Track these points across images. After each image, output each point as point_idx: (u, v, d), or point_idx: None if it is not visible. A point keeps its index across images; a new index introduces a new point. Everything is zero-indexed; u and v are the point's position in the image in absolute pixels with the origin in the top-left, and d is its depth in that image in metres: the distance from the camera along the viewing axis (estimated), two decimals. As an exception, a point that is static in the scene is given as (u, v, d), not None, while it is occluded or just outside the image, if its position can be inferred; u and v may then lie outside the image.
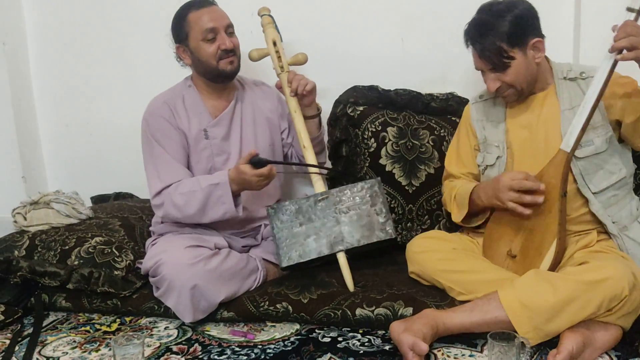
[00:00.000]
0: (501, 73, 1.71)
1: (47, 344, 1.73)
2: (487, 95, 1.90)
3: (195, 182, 1.86)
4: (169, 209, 1.87)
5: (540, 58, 1.71)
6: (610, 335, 1.51)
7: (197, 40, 1.90)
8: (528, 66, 1.70)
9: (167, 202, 1.87)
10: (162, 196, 1.88)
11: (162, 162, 1.90)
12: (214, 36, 1.89)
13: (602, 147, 1.71)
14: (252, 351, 1.63)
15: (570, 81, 1.75)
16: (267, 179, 1.79)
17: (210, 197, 1.82)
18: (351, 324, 1.72)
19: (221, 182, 1.81)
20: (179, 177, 1.89)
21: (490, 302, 1.54)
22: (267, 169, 1.76)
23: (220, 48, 1.89)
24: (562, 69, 1.78)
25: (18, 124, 2.55)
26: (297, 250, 1.85)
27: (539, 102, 1.78)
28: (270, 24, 2.08)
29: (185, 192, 1.84)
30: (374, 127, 2.15)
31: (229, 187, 1.80)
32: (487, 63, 1.71)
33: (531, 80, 1.74)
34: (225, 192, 1.81)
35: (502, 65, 1.69)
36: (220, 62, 1.91)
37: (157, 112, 1.94)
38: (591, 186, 1.70)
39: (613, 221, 1.70)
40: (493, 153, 1.83)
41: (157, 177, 1.90)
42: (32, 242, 1.99)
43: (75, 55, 2.55)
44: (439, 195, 2.11)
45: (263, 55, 2.09)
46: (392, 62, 2.30)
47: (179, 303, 1.76)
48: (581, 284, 1.48)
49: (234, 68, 1.94)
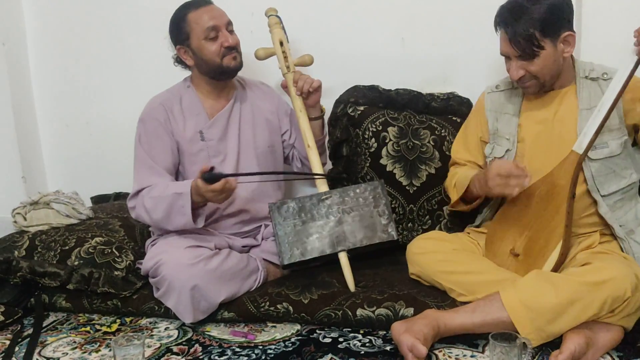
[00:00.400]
0: (528, 62, 1.67)
1: (47, 344, 1.73)
2: (503, 86, 1.88)
3: (165, 188, 1.84)
4: (140, 212, 1.88)
5: (569, 53, 1.68)
6: (612, 336, 1.51)
7: (199, 40, 1.90)
8: (556, 59, 1.67)
9: (138, 205, 1.88)
10: (137, 198, 1.89)
11: (143, 166, 1.91)
12: (216, 34, 1.89)
13: (617, 150, 1.69)
14: (252, 352, 1.62)
15: (592, 81, 1.73)
16: (222, 193, 1.73)
17: (174, 205, 1.79)
18: (352, 324, 1.72)
19: (184, 192, 1.77)
20: (155, 181, 1.88)
21: (492, 303, 1.54)
22: (221, 184, 1.69)
23: (224, 45, 1.89)
24: (585, 68, 1.75)
25: (18, 124, 2.55)
26: (299, 248, 1.85)
27: (557, 99, 1.76)
28: (278, 25, 2.08)
29: (154, 197, 1.83)
30: (375, 127, 2.15)
31: (189, 198, 1.76)
32: (516, 49, 1.66)
33: (555, 74, 1.71)
34: (186, 203, 1.77)
35: (531, 53, 1.65)
36: (224, 59, 1.91)
37: (152, 114, 1.94)
38: (600, 188, 1.69)
39: (620, 224, 1.69)
40: (503, 145, 1.82)
41: (137, 179, 1.91)
42: (32, 242, 1.99)
43: (75, 55, 2.55)
44: (440, 195, 2.11)
45: (269, 55, 2.09)
46: (392, 61, 2.29)
47: (179, 303, 1.75)
48: (583, 285, 1.47)
49: (238, 64, 1.94)
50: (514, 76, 1.71)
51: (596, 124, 1.61)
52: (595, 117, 1.61)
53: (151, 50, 2.38)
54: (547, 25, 1.62)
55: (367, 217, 1.89)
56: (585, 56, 2.04)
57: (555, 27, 1.64)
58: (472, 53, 2.19)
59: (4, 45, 2.49)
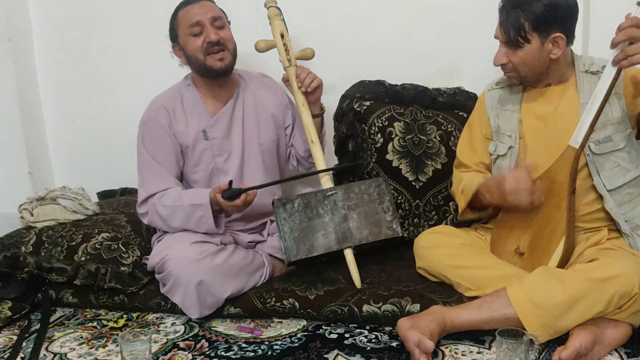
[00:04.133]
0: (511, 51, 1.68)
1: (54, 339, 1.74)
2: (504, 82, 1.87)
3: (179, 197, 1.85)
4: (154, 219, 1.89)
5: (557, 55, 1.67)
6: (619, 333, 1.51)
7: (184, 36, 1.89)
8: (539, 57, 1.68)
9: (151, 212, 1.89)
10: (147, 205, 1.90)
11: (148, 171, 1.91)
12: (200, 30, 1.87)
13: (621, 143, 1.68)
14: (259, 347, 1.63)
15: (592, 75, 1.72)
16: (243, 207, 1.78)
17: (192, 216, 1.82)
18: (358, 320, 1.72)
19: (202, 204, 1.80)
20: (165, 186, 1.89)
21: (499, 299, 1.54)
22: (241, 200, 1.75)
23: (205, 41, 1.87)
24: (584, 62, 1.74)
25: (24, 120, 2.55)
26: (305, 244, 1.84)
27: (557, 94, 1.75)
28: (278, 16, 2.05)
29: (168, 206, 1.85)
30: (381, 122, 2.14)
31: (209, 209, 1.80)
32: (504, 34, 1.68)
33: (539, 72, 1.71)
34: (206, 213, 1.80)
35: (515, 42, 1.66)
36: (208, 58, 1.88)
37: (154, 116, 1.93)
38: (607, 183, 1.68)
39: (626, 220, 1.68)
40: (505, 143, 1.81)
41: (143, 185, 1.91)
42: (39, 238, 1.99)
43: (81, 51, 2.55)
44: (446, 191, 2.10)
45: (270, 47, 2.06)
46: (398, 56, 2.29)
47: (185, 299, 1.76)
48: (590, 281, 1.46)
49: (224, 65, 1.90)
50: (496, 61, 1.73)
51: (590, 117, 1.60)
52: (589, 110, 1.61)
53: (156, 45, 2.37)
54: (539, 20, 1.63)
55: (372, 213, 1.89)
56: (593, 53, 2.03)
57: (547, 24, 1.64)
58: (478, 48, 2.18)
59: (10, 42, 2.49)
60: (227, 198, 1.74)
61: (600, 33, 2.05)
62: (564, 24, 1.66)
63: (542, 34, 1.64)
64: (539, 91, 1.78)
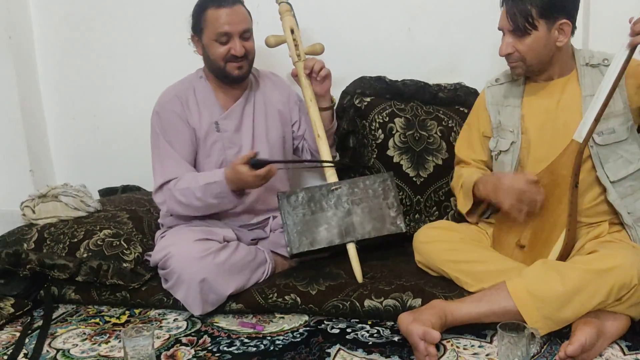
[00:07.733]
0: (518, 39, 1.68)
1: (57, 336, 1.74)
2: (504, 78, 1.87)
3: (193, 179, 1.85)
4: (173, 205, 1.89)
5: (563, 42, 1.67)
6: (619, 325, 1.51)
7: (209, 39, 1.88)
8: (547, 44, 1.67)
9: (169, 199, 1.89)
10: (163, 192, 1.90)
11: (166, 157, 1.91)
12: (227, 40, 1.87)
13: (623, 135, 1.68)
14: (261, 342, 1.63)
15: (593, 67, 1.72)
16: (265, 179, 1.77)
17: (209, 193, 1.82)
18: (360, 315, 1.72)
19: (218, 181, 1.80)
20: (181, 172, 1.89)
21: (499, 293, 1.54)
22: (266, 169, 1.74)
23: (231, 53, 1.87)
24: (584, 55, 1.75)
25: (25, 117, 2.55)
26: (308, 237, 1.85)
27: (559, 88, 1.75)
28: (289, 12, 2.06)
29: (183, 189, 1.85)
30: (381, 118, 2.14)
31: (225, 184, 1.79)
32: (511, 22, 1.67)
33: (544, 60, 1.71)
34: (223, 189, 1.80)
35: (523, 29, 1.66)
36: (228, 65, 1.89)
37: (168, 106, 1.93)
38: (610, 174, 1.68)
39: (628, 211, 1.69)
40: (507, 138, 1.81)
41: (161, 172, 1.91)
42: (41, 235, 2.00)
43: (82, 48, 2.55)
44: (447, 186, 2.10)
45: (280, 42, 2.07)
46: (399, 52, 2.28)
47: (188, 296, 1.76)
48: (590, 273, 1.47)
49: (242, 73, 1.91)
50: (502, 51, 1.72)
51: (595, 112, 1.60)
52: (594, 105, 1.61)
53: (159, 43, 2.39)
54: (546, 6, 1.63)
55: (376, 209, 1.89)
56: (593, 47, 2.03)
57: (553, 10, 1.64)
58: (479, 43, 2.18)
59: (10, 39, 2.49)
60: (252, 165, 1.73)
61: (600, 27, 2.06)
62: (570, 11, 1.67)
63: (549, 21, 1.65)
64: (540, 85, 1.78)
